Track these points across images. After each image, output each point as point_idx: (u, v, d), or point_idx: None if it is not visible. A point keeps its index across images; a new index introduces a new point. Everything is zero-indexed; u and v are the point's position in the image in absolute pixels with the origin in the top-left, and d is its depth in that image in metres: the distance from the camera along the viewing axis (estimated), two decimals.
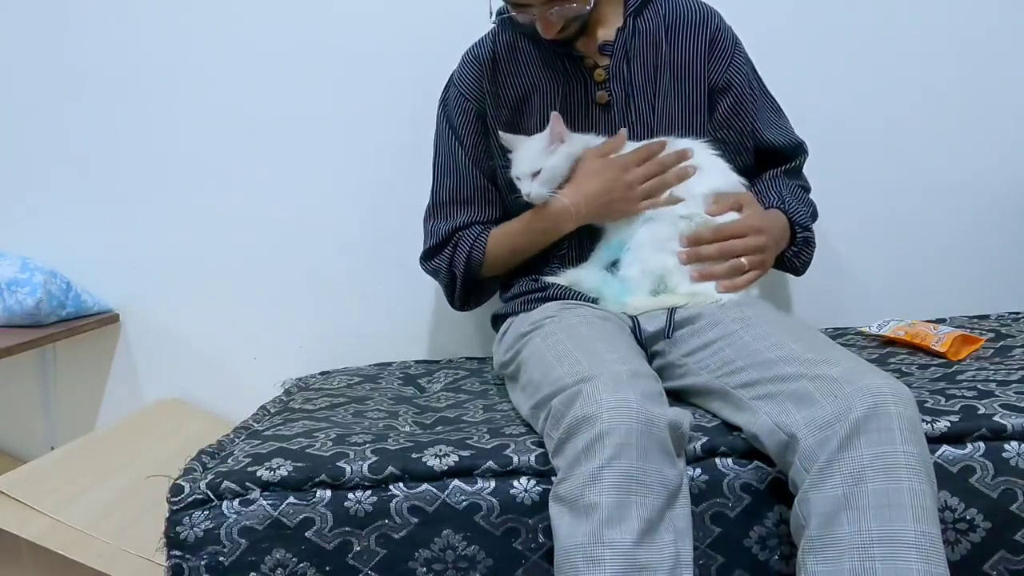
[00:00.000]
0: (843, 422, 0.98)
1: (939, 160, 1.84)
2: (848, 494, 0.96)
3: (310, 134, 1.82)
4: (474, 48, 1.56)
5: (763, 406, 1.08)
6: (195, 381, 1.87)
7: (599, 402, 1.01)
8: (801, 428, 1.01)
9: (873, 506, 0.94)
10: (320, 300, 1.85)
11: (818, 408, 1.01)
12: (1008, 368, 1.30)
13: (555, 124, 1.38)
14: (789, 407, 1.04)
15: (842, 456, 0.97)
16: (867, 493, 0.95)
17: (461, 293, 1.56)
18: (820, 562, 0.96)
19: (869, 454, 0.96)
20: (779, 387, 1.08)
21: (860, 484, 0.95)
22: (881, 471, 0.95)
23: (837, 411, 0.99)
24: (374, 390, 1.55)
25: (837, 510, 0.96)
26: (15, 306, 1.70)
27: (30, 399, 1.88)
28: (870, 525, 0.94)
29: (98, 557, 1.28)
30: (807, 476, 0.99)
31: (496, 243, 1.50)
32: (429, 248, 1.57)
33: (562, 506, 1.01)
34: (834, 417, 0.99)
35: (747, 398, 1.12)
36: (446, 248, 1.54)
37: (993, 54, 1.82)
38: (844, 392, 1.00)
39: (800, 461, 1.00)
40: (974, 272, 1.85)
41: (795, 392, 1.05)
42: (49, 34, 1.81)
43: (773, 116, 1.56)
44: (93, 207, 1.84)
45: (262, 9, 1.81)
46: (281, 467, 1.10)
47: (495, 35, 1.54)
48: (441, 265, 1.54)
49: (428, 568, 1.06)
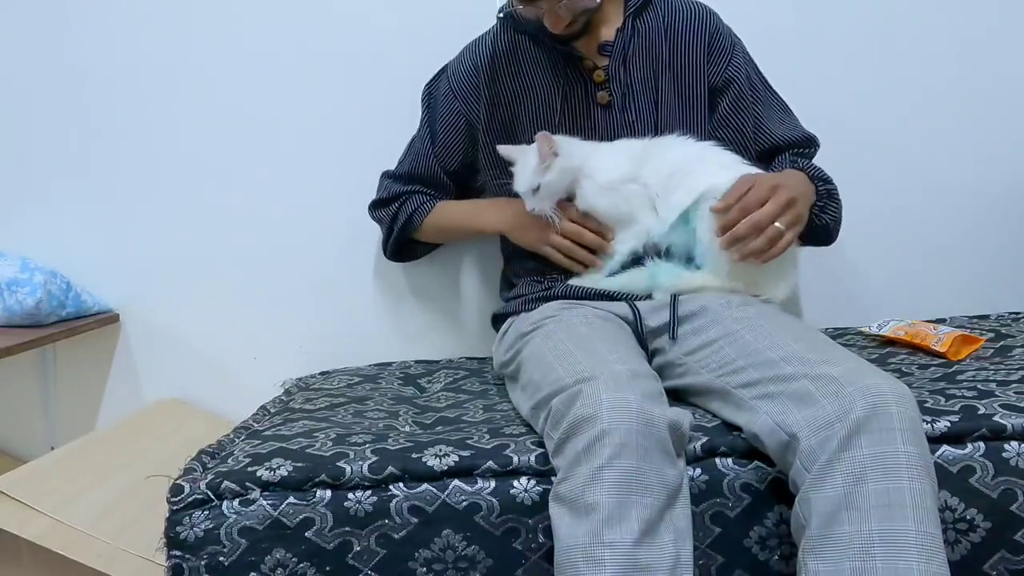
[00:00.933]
0: (844, 422, 0.98)
1: (939, 160, 1.84)
2: (849, 494, 0.96)
3: (310, 134, 1.82)
4: (473, 45, 1.56)
5: (764, 406, 1.08)
6: (195, 381, 1.87)
7: (599, 402, 1.01)
8: (802, 428, 1.01)
9: (874, 506, 0.94)
10: (320, 300, 1.85)
11: (819, 408, 1.01)
12: (1008, 368, 1.30)
13: (542, 144, 1.37)
14: (790, 407, 1.04)
15: (843, 456, 0.97)
16: (868, 493, 0.95)
17: (393, 247, 1.69)
18: (821, 562, 0.96)
19: (870, 454, 0.96)
20: (780, 387, 1.08)
21: (861, 484, 0.96)
22: (881, 471, 0.95)
23: (838, 411, 0.99)
24: (374, 390, 1.55)
25: (838, 510, 0.96)
26: (15, 306, 1.70)
27: (30, 399, 1.88)
28: (871, 525, 0.94)
29: (98, 557, 1.28)
30: (808, 476, 0.99)
31: (436, 217, 1.63)
32: (378, 200, 1.68)
33: (562, 506, 1.01)
34: (835, 417, 0.99)
35: (748, 398, 1.12)
36: (393, 203, 1.65)
37: (993, 54, 1.82)
38: (845, 392, 1.00)
39: (801, 461, 1.00)
40: (974, 272, 1.85)
41: (796, 392, 1.05)
42: (49, 34, 1.80)
43: (780, 114, 1.55)
44: (93, 207, 1.84)
45: (262, 9, 1.81)
46: (281, 467, 1.10)
47: (495, 34, 1.54)
48: (384, 217, 1.67)
49: (428, 568, 1.06)
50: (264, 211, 1.84)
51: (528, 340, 1.33)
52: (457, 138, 1.59)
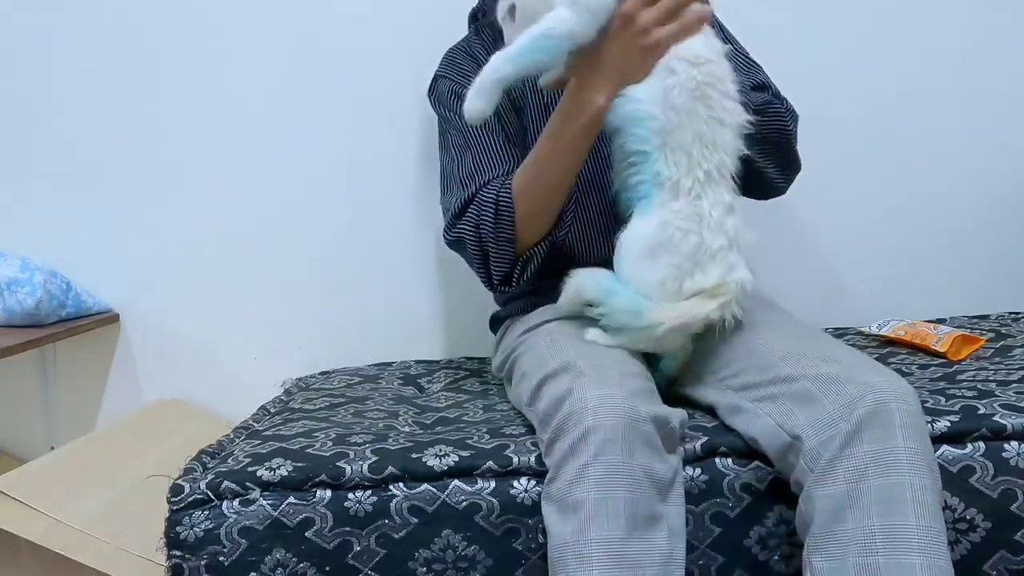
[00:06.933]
0: (846, 420, 0.98)
1: (939, 160, 1.84)
2: (851, 491, 0.96)
3: (310, 134, 1.82)
4: (454, 49, 1.53)
5: (765, 408, 1.08)
6: (195, 381, 1.87)
7: (584, 400, 1.02)
8: (805, 428, 1.01)
9: (875, 502, 0.95)
10: (320, 300, 1.85)
11: (820, 407, 1.01)
12: (1008, 368, 1.30)
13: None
14: (792, 408, 1.04)
15: (845, 454, 0.97)
16: (869, 489, 0.95)
17: (496, 260, 1.30)
18: (825, 559, 0.96)
19: (871, 451, 0.97)
20: (780, 388, 1.08)
21: (862, 481, 0.96)
22: (882, 467, 0.96)
23: (840, 409, 1.00)
24: (374, 390, 1.55)
25: (841, 507, 0.96)
26: (15, 306, 1.70)
27: (30, 399, 1.88)
28: (872, 521, 0.94)
29: (98, 557, 1.28)
30: (811, 475, 0.99)
31: (520, 181, 1.28)
32: (449, 221, 1.36)
33: (551, 505, 1.02)
34: (837, 415, 0.99)
35: (748, 401, 1.11)
36: (468, 210, 1.32)
37: (993, 54, 1.82)
38: (846, 390, 1.01)
39: (804, 461, 1.01)
40: (974, 272, 1.85)
41: (797, 393, 1.05)
42: (49, 34, 1.80)
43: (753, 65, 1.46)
44: (93, 207, 1.83)
45: (262, 10, 1.81)
46: (281, 467, 1.10)
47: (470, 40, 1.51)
48: (465, 229, 1.32)
49: (428, 568, 1.06)
50: (264, 211, 1.84)
51: (524, 340, 1.33)
52: None
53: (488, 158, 1.36)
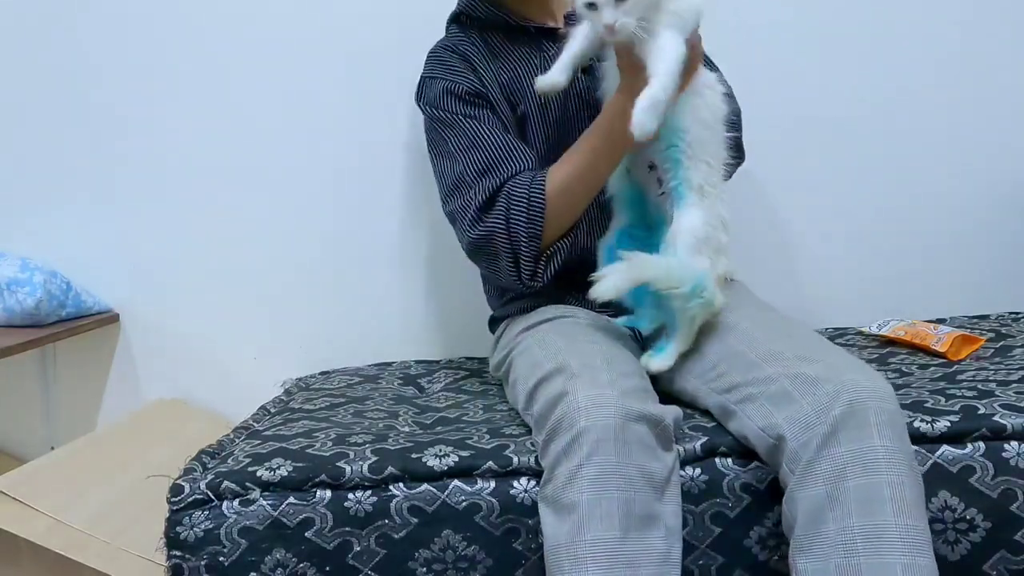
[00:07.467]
0: (823, 421, 0.99)
1: (939, 160, 1.84)
2: (831, 492, 0.96)
3: (310, 134, 1.82)
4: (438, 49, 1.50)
5: (746, 409, 1.08)
6: (195, 381, 1.87)
7: (577, 401, 1.02)
8: (785, 429, 1.02)
9: (855, 501, 0.95)
10: (320, 300, 1.85)
11: (797, 408, 1.02)
12: (1008, 368, 1.30)
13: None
14: (770, 409, 1.05)
15: (823, 455, 0.98)
16: (848, 490, 0.96)
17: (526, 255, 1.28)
18: (808, 561, 0.97)
19: (848, 451, 0.97)
20: (760, 389, 1.08)
21: (842, 481, 0.96)
22: (861, 466, 0.96)
23: (817, 410, 1.00)
24: (374, 390, 1.55)
25: (822, 508, 0.96)
26: (15, 306, 1.70)
27: (30, 399, 1.88)
28: (853, 521, 0.95)
29: (98, 557, 1.28)
30: (792, 476, 1.00)
31: (559, 176, 1.27)
32: (471, 219, 1.30)
33: (547, 506, 1.02)
34: (815, 416, 1.00)
35: (732, 402, 1.12)
36: (497, 203, 1.28)
37: (993, 54, 1.82)
38: (823, 390, 1.01)
39: (786, 462, 1.01)
40: (974, 272, 1.85)
41: (775, 393, 1.05)
42: (49, 34, 1.80)
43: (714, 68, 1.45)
44: (93, 207, 1.83)
45: (262, 10, 1.81)
46: (281, 467, 1.10)
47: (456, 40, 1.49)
48: (495, 224, 1.28)
49: (428, 568, 1.06)
50: (264, 211, 1.84)
51: (520, 340, 1.33)
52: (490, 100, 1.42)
53: (503, 153, 1.33)
